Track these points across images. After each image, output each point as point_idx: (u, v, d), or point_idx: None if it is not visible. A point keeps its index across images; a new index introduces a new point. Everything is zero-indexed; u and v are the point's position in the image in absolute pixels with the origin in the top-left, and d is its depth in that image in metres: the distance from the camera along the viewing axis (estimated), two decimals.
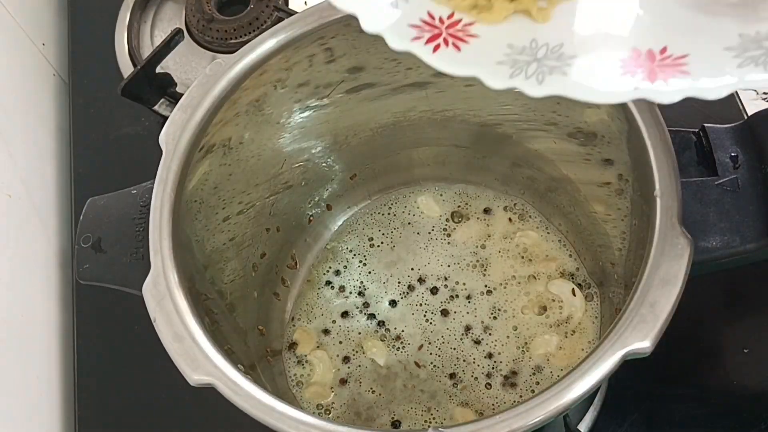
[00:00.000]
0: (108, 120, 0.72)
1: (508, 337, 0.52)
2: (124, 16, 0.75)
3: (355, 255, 0.57)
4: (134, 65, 0.71)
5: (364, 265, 0.56)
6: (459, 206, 0.57)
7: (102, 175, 0.69)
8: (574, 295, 0.52)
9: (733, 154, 0.38)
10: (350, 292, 0.55)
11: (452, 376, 0.51)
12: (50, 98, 0.75)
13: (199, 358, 0.35)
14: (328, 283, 0.56)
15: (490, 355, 0.51)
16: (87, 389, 0.61)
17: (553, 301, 0.52)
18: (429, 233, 0.57)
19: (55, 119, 0.75)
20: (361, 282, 0.56)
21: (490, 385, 0.51)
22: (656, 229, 0.35)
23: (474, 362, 0.51)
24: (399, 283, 0.55)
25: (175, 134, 0.41)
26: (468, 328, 0.53)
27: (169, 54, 0.66)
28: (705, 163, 0.39)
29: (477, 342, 0.52)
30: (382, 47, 0.28)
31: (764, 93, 0.74)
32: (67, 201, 0.70)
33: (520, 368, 0.51)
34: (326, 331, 0.54)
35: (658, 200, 0.35)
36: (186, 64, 0.71)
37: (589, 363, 0.32)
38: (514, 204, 0.57)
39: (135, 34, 0.74)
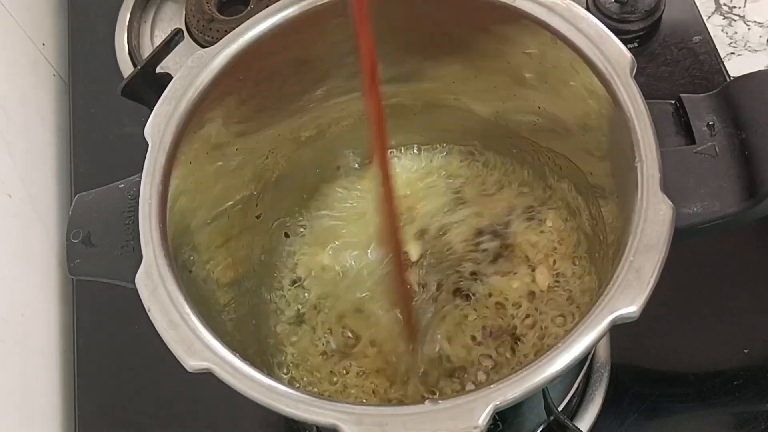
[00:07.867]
0: (108, 120, 0.72)
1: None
2: (124, 16, 0.75)
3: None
4: (134, 65, 0.71)
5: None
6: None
7: (102, 175, 0.69)
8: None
9: (710, 122, 0.39)
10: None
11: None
12: (50, 98, 0.75)
13: (195, 343, 0.35)
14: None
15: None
16: (87, 389, 0.61)
17: None
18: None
19: (55, 119, 0.75)
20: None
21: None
22: (638, 197, 0.34)
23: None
24: None
25: (159, 126, 0.41)
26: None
27: (169, 54, 0.66)
28: (683, 132, 0.39)
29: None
30: None
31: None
32: (67, 201, 0.70)
33: None
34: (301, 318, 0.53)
35: (639, 169, 0.35)
36: None
37: (578, 330, 0.32)
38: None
39: (135, 34, 0.74)
